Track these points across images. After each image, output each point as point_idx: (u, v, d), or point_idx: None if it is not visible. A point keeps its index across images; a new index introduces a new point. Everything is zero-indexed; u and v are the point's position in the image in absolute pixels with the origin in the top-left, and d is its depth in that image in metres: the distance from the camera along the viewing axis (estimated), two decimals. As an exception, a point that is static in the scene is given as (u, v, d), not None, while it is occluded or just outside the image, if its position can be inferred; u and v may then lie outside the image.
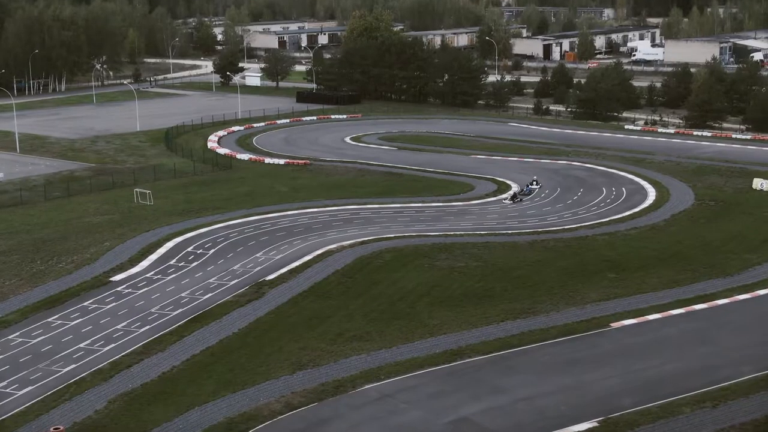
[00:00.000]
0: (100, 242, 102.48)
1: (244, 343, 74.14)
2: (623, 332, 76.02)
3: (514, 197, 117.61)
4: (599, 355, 71.61)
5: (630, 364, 69.81)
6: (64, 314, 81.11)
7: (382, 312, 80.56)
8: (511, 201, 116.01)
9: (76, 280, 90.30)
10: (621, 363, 70.15)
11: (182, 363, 70.37)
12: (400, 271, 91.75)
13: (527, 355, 71.48)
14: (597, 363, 70.30)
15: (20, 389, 66.77)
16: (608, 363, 70.19)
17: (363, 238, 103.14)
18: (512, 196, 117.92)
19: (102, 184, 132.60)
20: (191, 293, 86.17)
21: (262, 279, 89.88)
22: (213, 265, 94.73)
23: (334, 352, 72.04)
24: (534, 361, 70.56)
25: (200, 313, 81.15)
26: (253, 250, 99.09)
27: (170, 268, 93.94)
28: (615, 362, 70.33)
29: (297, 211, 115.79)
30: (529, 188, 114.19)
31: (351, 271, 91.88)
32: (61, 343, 74.58)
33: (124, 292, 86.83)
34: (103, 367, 70.02)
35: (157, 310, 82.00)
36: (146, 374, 68.54)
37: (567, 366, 69.79)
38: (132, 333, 76.65)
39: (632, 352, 72.19)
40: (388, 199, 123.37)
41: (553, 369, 69.34)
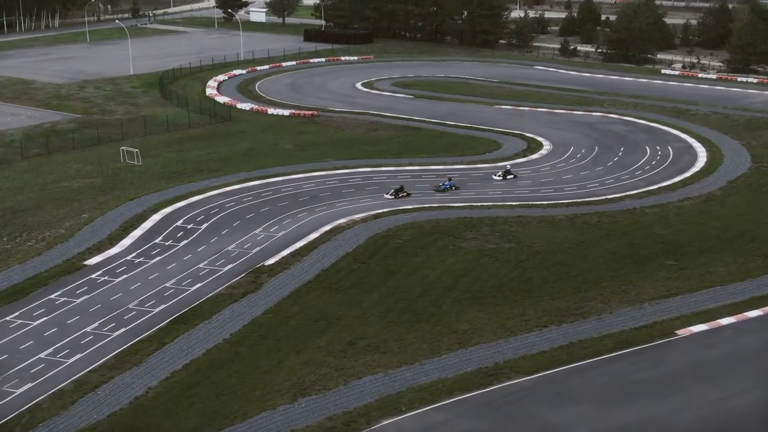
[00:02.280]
0: (78, 213, 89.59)
1: (236, 355, 61.56)
2: (693, 343, 63.18)
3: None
4: (667, 377, 58.84)
5: (706, 392, 57.07)
6: (26, 311, 68.53)
7: (401, 312, 67.76)
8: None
9: (46, 263, 77.57)
10: (695, 389, 57.42)
11: (160, 384, 57.87)
12: (421, 255, 78.78)
13: (580, 376, 58.75)
14: (665, 389, 57.52)
15: (-40, 420, 54.70)
16: (678, 389, 57.44)
17: (377, 210, 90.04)
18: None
19: (86, 139, 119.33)
20: (177, 283, 73.45)
21: (261, 264, 77.05)
22: (205, 244, 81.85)
23: (344, 369, 59.41)
24: (589, 385, 57.85)
25: (186, 310, 68.50)
26: (252, 225, 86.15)
27: (155, 248, 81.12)
28: (687, 388, 57.58)
29: (302, 175, 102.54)
30: (445, 185, 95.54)
31: (364, 254, 78.96)
32: (18, 352, 62.13)
33: (98, 281, 74.13)
34: (65, 387, 57.57)
35: (136, 305, 69.36)
36: (115, 400, 56.08)
37: (629, 392, 57.12)
38: (103, 338, 64.12)
39: (707, 372, 59.44)
40: (404, 159, 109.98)
41: (613, 396, 56.69)
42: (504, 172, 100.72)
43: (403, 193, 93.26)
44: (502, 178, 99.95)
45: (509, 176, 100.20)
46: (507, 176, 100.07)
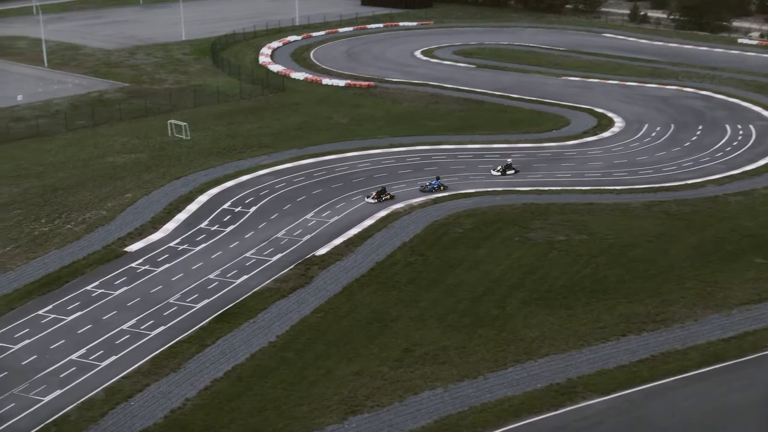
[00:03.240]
0: (121, 193, 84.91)
1: (281, 362, 56.28)
2: (789, 359, 56.58)
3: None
4: (762, 401, 52.36)
5: (809, 420, 50.65)
6: (60, 304, 63.96)
7: (462, 314, 61.92)
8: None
9: (84, 249, 72.97)
10: (795, 416, 51.02)
11: (199, 394, 52.82)
12: (483, 247, 72.73)
13: (663, 398, 52.49)
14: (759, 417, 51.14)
15: (-18, 432, 50.22)
16: (776, 415, 51.09)
17: (436, 194, 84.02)
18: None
19: (134, 110, 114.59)
20: (222, 274, 68.37)
21: (311, 254, 71.65)
22: (253, 230, 76.64)
23: (399, 381, 53.83)
24: (673, 410, 51.58)
25: (230, 306, 63.37)
26: (303, 209, 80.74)
27: (200, 234, 76.11)
28: (786, 414, 51.19)
29: (357, 153, 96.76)
30: (432, 185, 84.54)
31: (421, 245, 73.13)
32: (48, 352, 57.53)
33: (139, 271, 69.33)
34: (95, 396, 52.74)
35: (177, 300, 64.41)
36: (149, 412, 51.14)
37: (719, 419, 50.80)
38: (140, 338, 59.26)
39: (808, 395, 52.93)
40: (465, 136, 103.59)
41: (701, 424, 50.41)
42: (504, 167, 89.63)
43: (386, 195, 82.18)
44: (502, 173, 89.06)
45: (510, 172, 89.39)
46: (507, 172, 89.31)
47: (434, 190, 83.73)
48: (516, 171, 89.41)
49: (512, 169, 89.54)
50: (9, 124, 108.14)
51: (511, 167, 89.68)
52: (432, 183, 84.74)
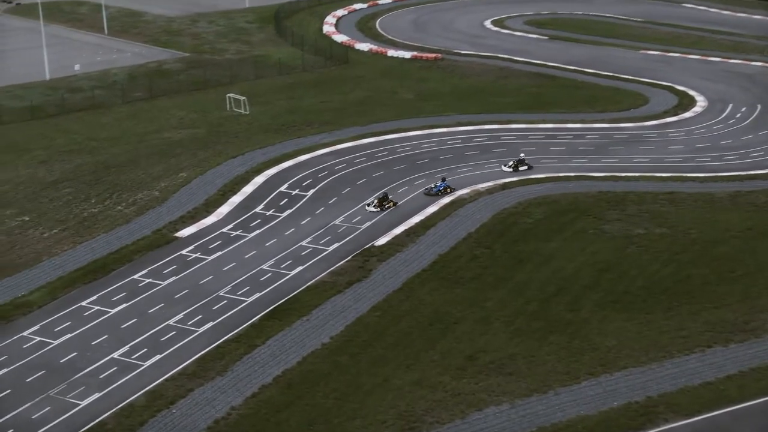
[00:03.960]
0: (175, 171, 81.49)
1: (335, 367, 52.24)
2: None
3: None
4: None
5: None
6: (105, 294, 60.74)
7: (532, 317, 57.23)
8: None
9: (133, 233, 69.73)
10: None
11: (245, 403, 49.03)
12: (555, 240, 67.80)
13: (754, 422, 47.38)
14: None
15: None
16: None
17: (504, 179, 79.12)
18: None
19: (193, 82, 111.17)
20: (276, 264, 64.56)
21: (370, 244, 67.45)
22: (309, 216, 72.67)
23: (462, 394, 49.43)
24: (766, 437, 46.58)
25: (283, 302, 59.48)
26: (363, 193, 76.50)
27: (255, 219, 72.36)
28: None
29: (422, 132, 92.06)
30: (437, 188, 75.64)
31: (488, 236, 68.44)
32: (90, 349, 54.26)
33: (189, 259, 65.83)
34: (136, 401, 49.25)
35: (228, 292, 60.76)
36: (191, 422, 47.47)
37: (819, 449, 45.71)
38: (187, 335, 55.71)
39: None
40: (537, 115, 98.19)
41: (798, 455, 45.39)
42: (516, 163, 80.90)
43: (389, 203, 73.23)
44: (513, 169, 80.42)
45: (522, 167, 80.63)
46: (519, 167, 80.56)
47: (440, 193, 74.92)
48: (529, 167, 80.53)
49: (525, 164, 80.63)
50: (65, 95, 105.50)
51: (524, 162, 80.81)
52: (438, 185, 75.71)
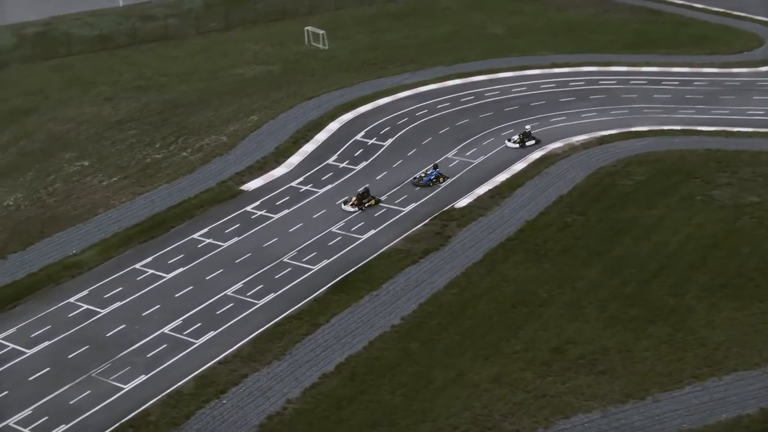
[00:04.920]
0: (246, 114, 76.17)
1: (405, 355, 46.71)
2: None
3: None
4: None
5: None
6: (161, 256, 56.13)
7: (629, 302, 50.69)
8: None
9: (197, 185, 64.91)
10: None
11: (303, 395, 43.90)
12: (658, 206, 60.79)
13: None
14: None
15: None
16: None
17: (602, 131, 71.93)
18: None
19: (270, 12, 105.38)
20: (347, 226, 59.16)
21: (450, 205, 61.42)
22: (386, 169, 66.87)
23: (546, 395, 43.51)
24: None
25: (352, 272, 54.03)
26: (445, 144, 70.35)
27: (327, 171, 66.89)
28: None
29: (512, 74, 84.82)
30: (428, 176, 64.17)
31: (582, 200, 61.77)
32: (139, 321, 49.69)
33: (253, 217, 60.78)
34: (183, 387, 44.55)
35: (293, 258, 55.60)
36: (241, 418, 42.56)
37: None
38: (246, 308, 50.76)
39: None
40: (640, 56, 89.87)
41: None
42: (522, 136, 69.83)
43: (369, 200, 61.56)
44: (520, 145, 69.36)
45: (530, 142, 69.60)
46: (526, 142, 69.64)
47: (431, 183, 63.89)
48: (537, 141, 69.60)
49: (532, 138, 69.61)
50: (136, 24, 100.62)
51: (530, 136, 69.74)
52: (429, 173, 64.55)
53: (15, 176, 67.06)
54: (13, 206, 62.58)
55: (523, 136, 69.53)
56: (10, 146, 72.54)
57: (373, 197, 61.52)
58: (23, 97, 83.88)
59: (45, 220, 60.46)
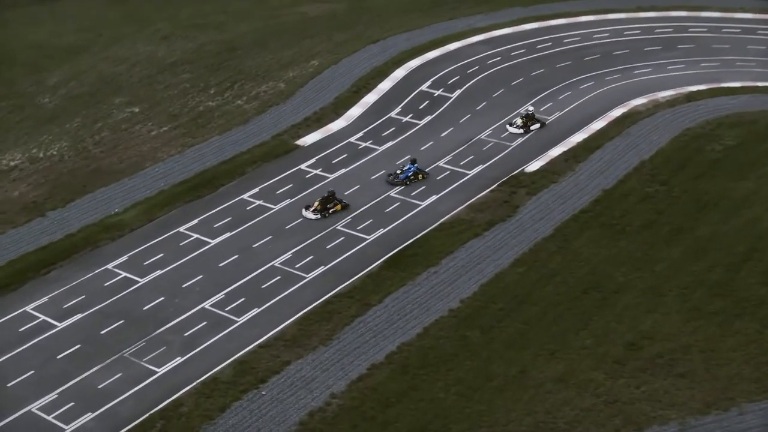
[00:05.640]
0: (306, 58, 71.74)
1: (462, 345, 42.53)
2: None
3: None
4: None
5: None
6: (207, 219, 52.55)
7: (714, 290, 45.59)
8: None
9: (250, 138, 61.14)
10: None
11: (348, 389, 40.11)
12: (750, 178, 55.28)
13: None
14: None
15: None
16: None
17: (690, 86, 65.91)
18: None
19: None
20: (406, 191, 54.95)
21: (520, 169, 56.61)
22: (452, 125, 62.21)
23: (618, 401, 38.99)
24: None
25: (409, 244, 49.77)
26: (518, 98, 65.27)
27: (388, 126, 62.45)
28: None
29: (594, 17, 78.68)
30: (405, 173, 55.46)
31: (665, 167, 56.45)
32: (178, 294, 46.21)
33: (308, 176, 56.87)
34: (220, 373, 41.05)
35: (346, 226, 51.58)
36: (280, 414, 38.94)
37: None
38: (293, 281, 46.97)
39: None
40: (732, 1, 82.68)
41: None
42: (525, 119, 61.06)
43: (334, 205, 52.71)
44: (523, 130, 60.70)
45: (534, 126, 60.98)
46: (530, 126, 60.84)
47: (407, 181, 55.47)
48: (542, 124, 61.35)
49: (536, 121, 61.30)
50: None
51: (534, 119, 61.37)
52: (406, 169, 55.93)
53: (61, 122, 63.83)
54: (57, 156, 59.41)
55: (527, 119, 60.84)
56: (59, 87, 69.23)
57: (339, 201, 52.77)
58: (77, 33, 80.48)
59: (89, 173, 57.23)
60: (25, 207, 53.56)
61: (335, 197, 52.75)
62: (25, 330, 43.62)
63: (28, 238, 50.66)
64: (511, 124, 60.93)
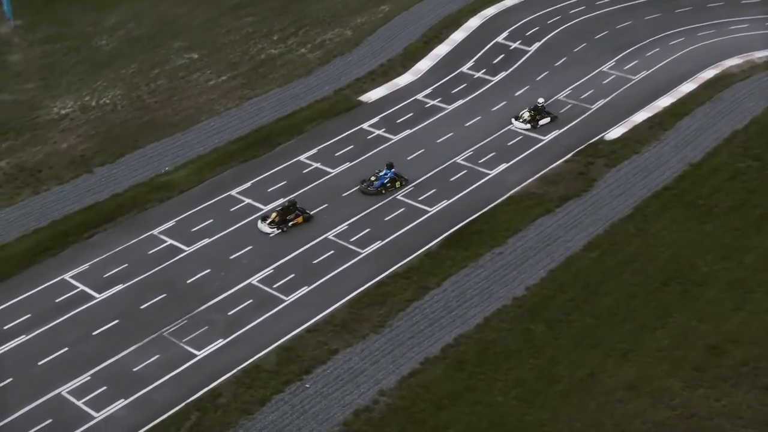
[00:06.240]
0: (376, 3, 67.66)
1: (525, 340, 38.98)
2: None
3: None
4: None
5: None
6: (260, 182, 49.58)
7: (811, 288, 41.26)
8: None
9: (312, 92, 57.84)
10: None
11: (398, 386, 36.97)
12: None
13: None
14: None
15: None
16: None
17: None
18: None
19: None
20: (474, 157, 51.15)
21: (599, 136, 52.21)
22: (528, 83, 57.91)
23: (695, 415, 35.24)
24: None
25: (474, 219, 46.06)
26: (601, 53, 60.78)
27: (459, 82, 58.39)
28: None
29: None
30: (380, 180, 48.01)
31: (759, 139, 51.86)
32: (225, 266, 43.41)
33: (369, 137, 53.47)
34: (263, 361, 38.23)
35: (406, 195, 48.06)
36: (323, 411, 36.02)
37: None
38: (346, 258, 43.85)
39: None
40: None
41: None
42: (533, 113, 53.43)
43: (295, 217, 45.75)
44: (532, 125, 52.92)
45: (543, 121, 53.27)
46: (539, 120, 53.19)
47: (382, 189, 47.90)
48: (552, 118, 53.54)
49: (546, 114, 53.53)
50: None
51: (543, 112, 53.64)
52: (381, 175, 48.29)
53: (117, 66, 60.97)
54: (110, 105, 56.69)
55: (535, 112, 53.46)
56: (117, 29, 66.24)
57: (301, 213, 45.99)
58: (140, -31, 77.22)
59: (141, 125, 54.46)
60: (72, 161, 51.07)
61: (297, 208, 46.01)
62: (62, 301, 41.33)
63: (74, 197, 48.24)
64: (517, 118, 53.35)
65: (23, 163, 50.91)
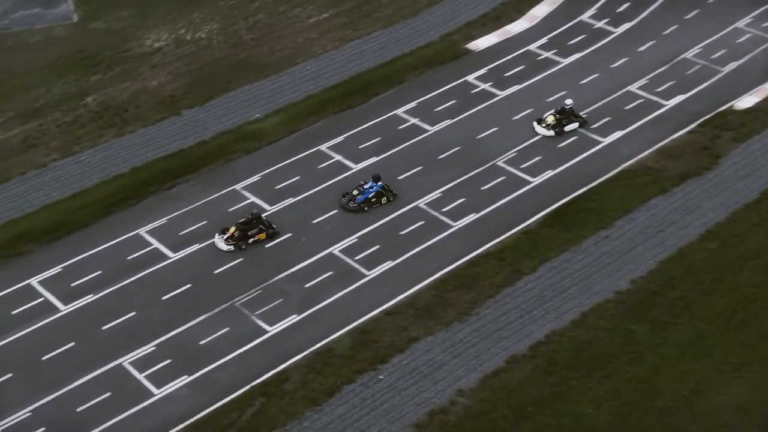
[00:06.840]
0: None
1: (625, 342, 35.22)
2: None
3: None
4: None
5: None
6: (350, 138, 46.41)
7: None
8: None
9: (417, 35, 54.43)
10: None
11: (481, 383, 33.82)
12: None
13: None
14: None
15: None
16: None
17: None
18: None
19: None
20: (588, 122, 46.44)
21: (729, 105, 47.17)
22: (654, 37, 53.14)
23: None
24: None
25: (577, 195, 42.06)
26: (735, 7, 54.98)
27: (577, 32, 54.00)
28: None
29: None
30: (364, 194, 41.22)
31: None
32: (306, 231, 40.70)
33: (474, 91, 49.53)
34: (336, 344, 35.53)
35: (506, 162, 44.20)
36: (397, 406, 33.15)
37: None
38: (435, 231, 40.55)
39: None
40: None
41: None
42: (557, 118, 45.68)
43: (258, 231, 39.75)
44: (556, 131, 45.31)
45: (570, 126, 45.47)
46: (565, 125, 45.46)
47: (366, 205, 41.47)
48: (582, 122, 45.91)
49: (575, 119, 45.92)
50: None
51: (573, 116, 45.94)
52: (366, 189, 41.81)
53: (216, -3, 58.17)
54: (205, 40, 53.99)
55: (561, 115, 46.01)
56: (222, -46, 63.26)
57: (266, 228, 40.16)
58: None
59: (235, 64, 51.74)
60: (161, 101, 48.83)
61: (261, 222, 40.15)
62: (134, 258, 39.30)
63: (158, 141, 46.04)
64: (540, 122, 46.00)
65: (110, 100, 48.91)
